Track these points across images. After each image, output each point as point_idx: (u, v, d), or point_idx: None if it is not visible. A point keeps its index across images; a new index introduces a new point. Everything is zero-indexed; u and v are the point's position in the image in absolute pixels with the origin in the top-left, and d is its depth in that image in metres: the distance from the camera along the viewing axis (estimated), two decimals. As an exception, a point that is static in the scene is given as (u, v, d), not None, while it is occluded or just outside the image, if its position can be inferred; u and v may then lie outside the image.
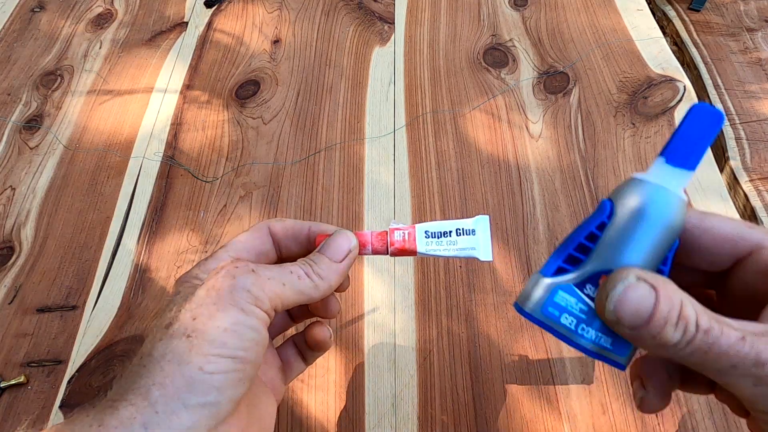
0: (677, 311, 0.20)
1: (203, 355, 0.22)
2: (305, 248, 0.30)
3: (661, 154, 0.23)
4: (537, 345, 0.44)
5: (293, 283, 0.26)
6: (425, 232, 0.30)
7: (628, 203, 0.22)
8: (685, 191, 0.23)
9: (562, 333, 0.23)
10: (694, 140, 0.22)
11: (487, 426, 0.40)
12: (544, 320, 0.23)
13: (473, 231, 0.29)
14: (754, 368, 0.19)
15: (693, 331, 0.20)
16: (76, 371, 0.45)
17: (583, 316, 0.23)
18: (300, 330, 0.33)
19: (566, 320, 0.23)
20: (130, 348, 0.45)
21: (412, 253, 0.29)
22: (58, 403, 0.43)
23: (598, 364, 0.42)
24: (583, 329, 0.23)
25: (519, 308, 0.24)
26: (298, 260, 0.28)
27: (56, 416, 0.43)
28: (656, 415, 0.40)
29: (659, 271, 0.23)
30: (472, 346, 0.44)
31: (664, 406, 0.25)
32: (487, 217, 0.30)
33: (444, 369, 0.43)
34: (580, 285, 0.23)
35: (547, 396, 0.41)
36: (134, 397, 0.21)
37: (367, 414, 0.41)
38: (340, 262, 0.28)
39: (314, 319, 0.33)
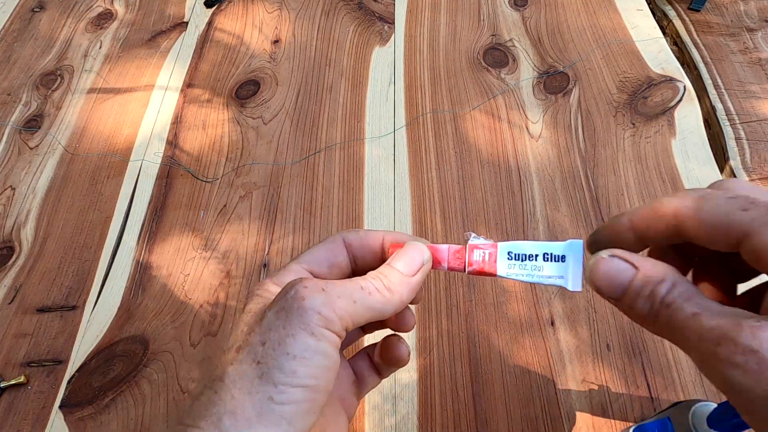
0: (651, 287, 0.21)
1: (274, 384, 0.22)
2: (379, 258, 0.29)
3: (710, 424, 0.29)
4: (537, 345, 0.44)
5: (364, 299, 0.25)
6: (508, 253, 0.27)
7: None
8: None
9: None
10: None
11: (487, 426, 0.40)
12: None
13: (563, 257, 0.27)
14: (717, 347, 0.19)
15: (658, 304, 0.21)
16: (76, 371, 0.45)
17: None
18: (369, 339, 0.33)
19: None
20: (130, 348, 0.46)
21: (491, 275, 0.28)
22: (58, 403, 0.43)
23: (598, 364, 0.42)
24: None
25: None
26: (369, 274, 0.27)
27: (56, 416, 0.43)
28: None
29: None
30: (471, 346, 0.44)
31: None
32: (580, 241, 0.27)
33: (444, 369, 0.43)
34: None
35: (547, 396, 0.41)
36: (206, 425, 0.22)
37: (367, 414, 0.41)
38: (413, 276, 0.27)
39: (388, 331, 0.32)
